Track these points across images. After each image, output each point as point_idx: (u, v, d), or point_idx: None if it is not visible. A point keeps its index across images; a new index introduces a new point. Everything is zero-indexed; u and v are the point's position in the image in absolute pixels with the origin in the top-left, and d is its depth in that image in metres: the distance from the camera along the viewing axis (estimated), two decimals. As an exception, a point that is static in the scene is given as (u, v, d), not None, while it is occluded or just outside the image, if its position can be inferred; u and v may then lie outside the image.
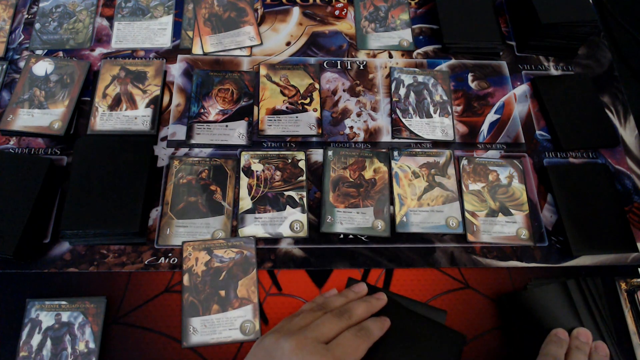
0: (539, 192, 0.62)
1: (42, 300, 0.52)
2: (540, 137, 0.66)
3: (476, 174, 0.62)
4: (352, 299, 0.48)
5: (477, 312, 0.55)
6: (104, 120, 0.62)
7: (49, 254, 0.55)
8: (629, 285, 0.57)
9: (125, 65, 0.66)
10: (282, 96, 0.66)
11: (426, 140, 0.64)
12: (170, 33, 0.70)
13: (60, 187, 0.59)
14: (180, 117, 0.64)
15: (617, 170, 0.64)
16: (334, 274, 0.56)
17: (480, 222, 0.59)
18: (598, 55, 0.73)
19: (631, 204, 0.62)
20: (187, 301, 0.53)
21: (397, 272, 0.56)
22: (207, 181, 0.59)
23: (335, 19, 0.74)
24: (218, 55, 0.69)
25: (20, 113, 0.61)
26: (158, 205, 0.58)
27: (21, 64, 0.66)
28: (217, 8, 0.72)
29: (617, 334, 0.53)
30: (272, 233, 0.57)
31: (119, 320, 0.52)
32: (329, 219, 0.58)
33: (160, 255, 0.55)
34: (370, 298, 0.49)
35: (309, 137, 0.64)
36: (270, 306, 0.54)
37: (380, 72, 0.69)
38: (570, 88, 0.68)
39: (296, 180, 0.60)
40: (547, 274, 0.57)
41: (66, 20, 0.70)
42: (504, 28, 0.75)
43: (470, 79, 0.70)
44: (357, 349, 0.41)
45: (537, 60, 0.72)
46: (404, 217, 0.59)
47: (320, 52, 0.70)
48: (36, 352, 0.50)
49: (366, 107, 0.66)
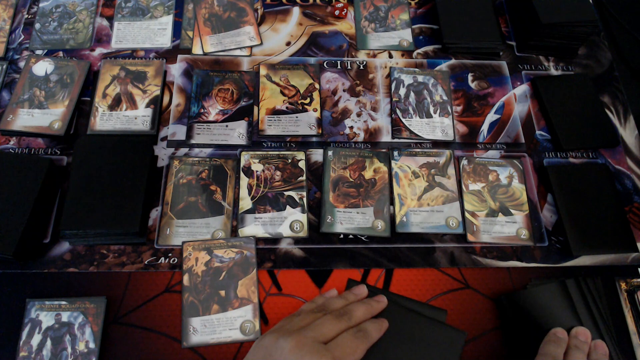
0: (539, 192, 0.62)
1: (42, 300, 0.52)
2: (540, 137, 0.66)
3: (476, 174, 0.62)
4: (352, 301, 0.48)
5: (477, 312, 0.55)
6: (104, 120, 0.62)
7: (49, 254, 0.55)
8: (629, 285, 0.57)
9: (125, 65, 0.66)
10: (282, 96, 0.66)
11: (426, 140, 0.64)
12: (170, 33, 0.70)
13: (60, 187, 0.59)
14: (180, 117, 0.64)
15: (617, 170, 0.64)
16: (334, 274, 0.56)
17: (480, 222, 0.59)
18: (598, 55, 0.73)
19: (631, 204, 0.62)
20: (187, 301, 0.53)
21: (397, 272, 0.56)
22: (207, 181, 0.59)
23: (335, 19, 0.74)
24: (218, 55, 0.69)
25: (20, 113, 0.61)
26: (158, 205, 0.58)
27: (21, 64, 0.66)
28: (217, 8, 0.72)
29: (617, 334, 0.53)
30: (272, 233, 0.57)
31: (119, 320, 0.52)
32: (329, 219, 0.58)
33: (160, 255, 0.55)
34: (370, 300, 0.49)
35: (309, 137, 0.64)
36: (270, 306, 0.54)
37: (380, 72, 0.69)
38: (570, 88, 0.68)
39: (296, 180, 0.60)
40: (547, 274, 0.57)
41: (66, 20, 0.70)
42: (504, 28, 0.75)
43: (470, 79, 0.70)
44: (356, 350, 0.41)
45: (537, 60, 0.72)
46: (404, 217, 0.59)
47: (320, 52, 0.70)
48: (36, 352, 0.50)
49: (366, 107, 0.66)
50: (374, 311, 0.47)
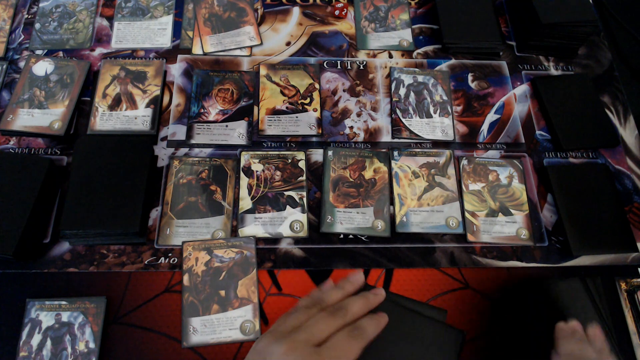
0: (539, 192, 0.62)
1: (42, 300, 0.52)
2: (540, 137, 0.66)
3: (476, 174, 0.62)
4: (348, 290, 0.46)
5: (477, 312, 0.55)
6: (104, 120, 0.62)
7: (49, 254, 0.55)
8: (629, 285, 0.57)
9: (125, 65, 0.66)
10: (282, 96, 0.66)
11: (426, 140, 0.64)
12: (170, 33, 0.70)
13: (60, 187, 0.59)
14: (180, 117, 0.64)
15: (617, 170, 0.64)
16: (334, 274, 0.56)
17: (480, 222, 0.59)
18: (598, 55, 0.73)
19: (631, 204, 0.62)
20: (187, 301, 0.53)
21: (397, 272, 0.56)
22: (207, 181, 0.59)
23: (335, 19, 0.74)
24: (218, 55, 0.69)
25: (20, 113, 0.61)
26: (158, 205, 0.58)
27: (21, 64, 0.66)
28: (217, 8, 0.72)
29: (617, 334, 0.53)
30: (272, 233, 0.57)
31: (119, 320, 0.52)
32: (329, 219, 0.58)
33: (160, 255, 0.55)
34: (367, 294, 0.47)
35: (309, 137, 0.64)
36: (270, 306, 0.54)
37: (380, 72, 0.69)
38: (570, 88, 0.68)
39: (296, 180, 0.60)
40: (547, 274, 0.57)
41: (66, 20, 0.70)
42: (504, 28, 0.75)
43: (470, 79, 0.70)
44: (351, 350, 0.40)
45: (537, 60, 0.72)
46: (404, 217, 0.59)
47: (320, 52, 0.70)
48: (36, 352, 0.50)
49: (366, 107, 0.66)
50: (371, 305, 0.45)
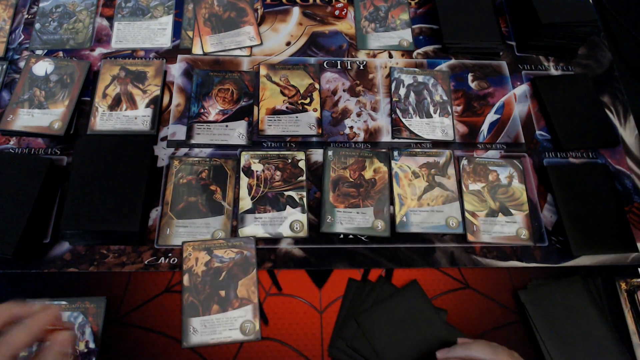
0: (539, 192, 0.62)
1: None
2: (540, 137, 0.66)
3: (476, 174, 0.62)
4: None
5: (477, 312, 0.55)
6: (104, 120, 0.62)
7: (49, 254, 0.55)
8: (629, 285, 0.57)
9: (125, 65, 0.66)
10: (282, 96, 0.66)
11: (426, 140, 0.64)
12: (170, 33, 0.70)
13: (60, 187, 0.59)
14: (180, 117, 0.64)
15: (617, 170, 0.64)
16: (334, 274, 0.56)
17: (480, 222, 0.59)
18: (598, 55, 0.73)
19: (631, 204, 0.62)
20: (187, 301, 0.53)
21: (397, 272, 0.56)
22: (207, 181, 0.59)
23: (335, 19, 0.74)
24: (218, 55, 0.69)
25: (20, 113, 0.61)
26: (158, 205, 0.58)
27: (21, 64, 0.66)
28: (217, 8, 0.72)
29: (617, 333, 0.53)
30: (272, 233, 0.57)
31: (119, 320, 0.52)
32: (329, 219, 0.58)
33: (160, 255, 0.55)
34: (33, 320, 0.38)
35: (309, 137, 0.64)
36: (270, 306, 0.54)
37: (380, 72, 0.69)
38: (570, 88, 0.68)
39: (296, 180, 0.60)
40: (547, 273, 0.57)
41: (66, 20, 0.70)
42: (504, 28, 0.75)
43: (470, 79, 0.70)
44: None
45: (537, 60, 0.72)
46: (404, 217, 0.59)
47: (320, 52, 0.70)
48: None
49: (366, 107, 0.66)
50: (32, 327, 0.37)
